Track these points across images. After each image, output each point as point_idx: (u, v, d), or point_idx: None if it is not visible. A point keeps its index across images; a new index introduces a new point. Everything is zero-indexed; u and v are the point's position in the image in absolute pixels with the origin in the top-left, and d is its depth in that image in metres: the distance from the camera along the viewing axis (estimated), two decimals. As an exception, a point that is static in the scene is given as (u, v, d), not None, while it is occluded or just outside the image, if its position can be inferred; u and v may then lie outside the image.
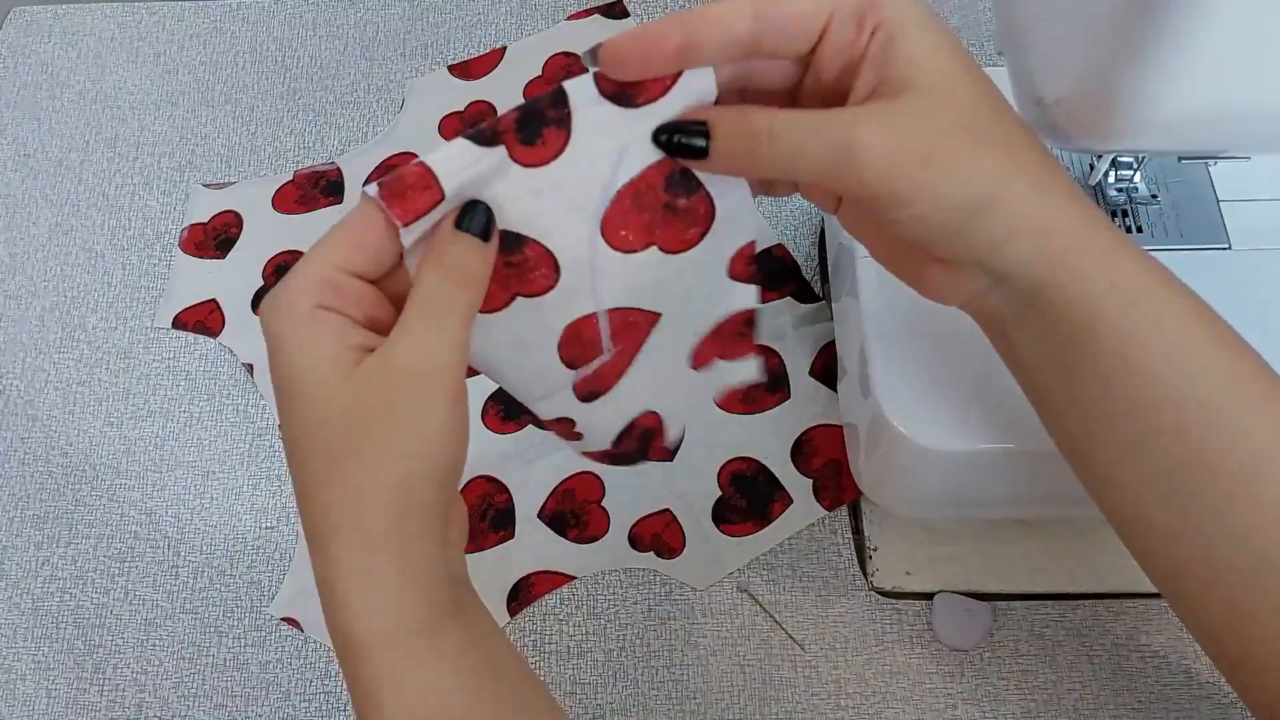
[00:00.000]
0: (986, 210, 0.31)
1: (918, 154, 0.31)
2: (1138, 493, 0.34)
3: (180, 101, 0.74)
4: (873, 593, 0.55)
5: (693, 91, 0.32)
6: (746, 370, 0.40)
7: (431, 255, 0.32)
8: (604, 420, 0.39)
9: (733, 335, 0.39)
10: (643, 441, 0.41)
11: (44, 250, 0.68)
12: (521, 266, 0.33)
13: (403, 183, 0.31)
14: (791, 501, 0.57)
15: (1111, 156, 0.48)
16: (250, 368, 0.63)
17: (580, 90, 0.32)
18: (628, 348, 0.37)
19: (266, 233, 0.67)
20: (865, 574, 0.55)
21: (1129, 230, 0.48)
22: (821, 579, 0.56)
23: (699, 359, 0.39)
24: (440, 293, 0.32)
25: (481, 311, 0.33)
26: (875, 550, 0.56)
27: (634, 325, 0.36)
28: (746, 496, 0.58)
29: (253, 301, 0.65)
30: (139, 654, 0.56)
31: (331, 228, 0.32)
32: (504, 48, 0.74)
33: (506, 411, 0.60)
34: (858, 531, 0.57)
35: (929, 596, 0.54)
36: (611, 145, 0.32)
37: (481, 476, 0.59)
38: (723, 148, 0.32)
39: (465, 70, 0.74)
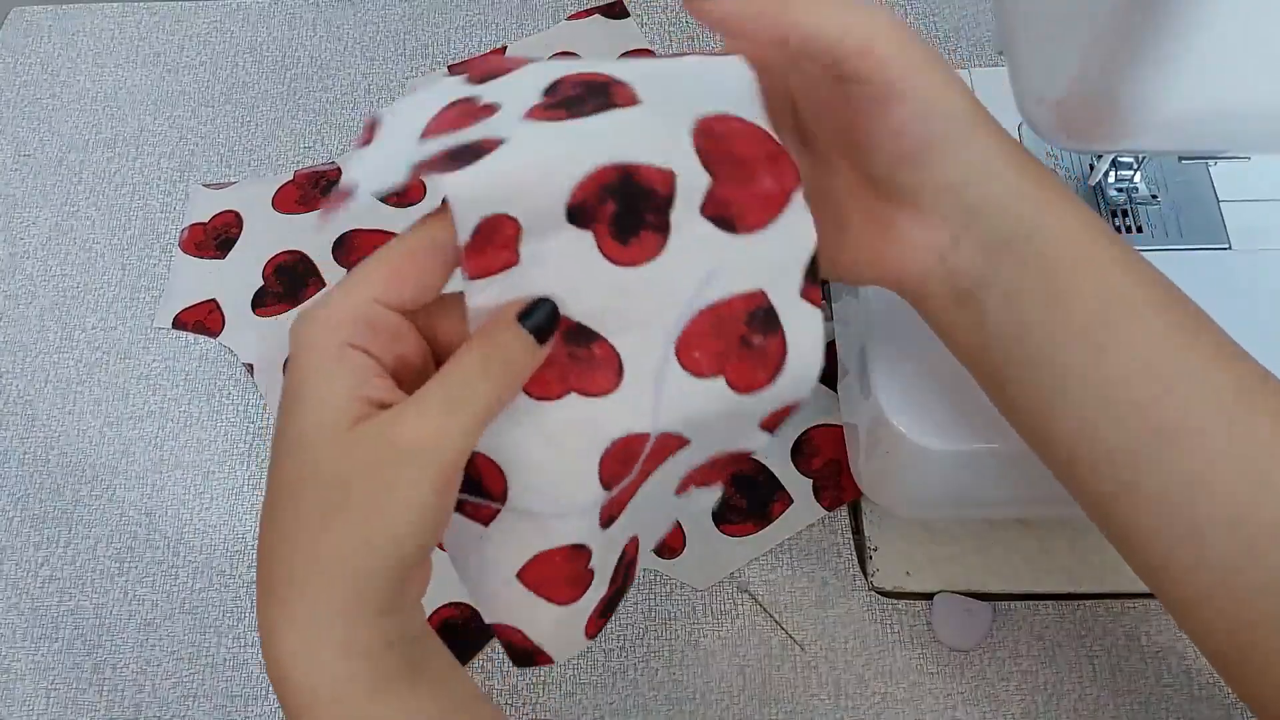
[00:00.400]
0: (972, 126, 0.33)
1: (921, 56, 0.32)
2: (1100, 443, 0.34)
3: (180, 101, 0.74)
4: (873, 593, 0.55)
5: (792, 231, 0.32)
6: (711, 497, 0.38)
7: (481, 336, 0.31)
8: (607, 552, 0.35)
9: (723, 468, 0.37)
10: (628, 575, 0.37)
11: (43, 250, 0.68)
12: (586, 362, 0.31)
13: (488, 238, 0.29)
14: (792, 501, 0.57)
15: (1111, 156, 0.48)
16: (250, 368, 0.63)
17: (685, 202, 0.31)
18: (647, 469, 0.34)
19: (267, 233, 0.67)
20: (865, 574, 0.55)
21: (1129, 230, 0.48)
22: (821, 579, 0.56)
23: (683, 487, 0.37)
24: (473, 378, 0.30)
25: (531, 396, 0.32)
26: (875, 550, 0.55)
27: (663, 450, 0.34)
28: (747, 496, 0.58)
29: (253, 301, 0.65)
30: (138, 654, 0.56)
31: (372, 255, 0.31)
32: (504, 48, 0.74)
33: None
34: (858, 531, 0.57)
35: (929, 597, 0.54)
36: (705, 265, 0.31)
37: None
38: None
39: (465, 70, 0.74)
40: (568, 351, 0.31)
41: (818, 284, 0.33)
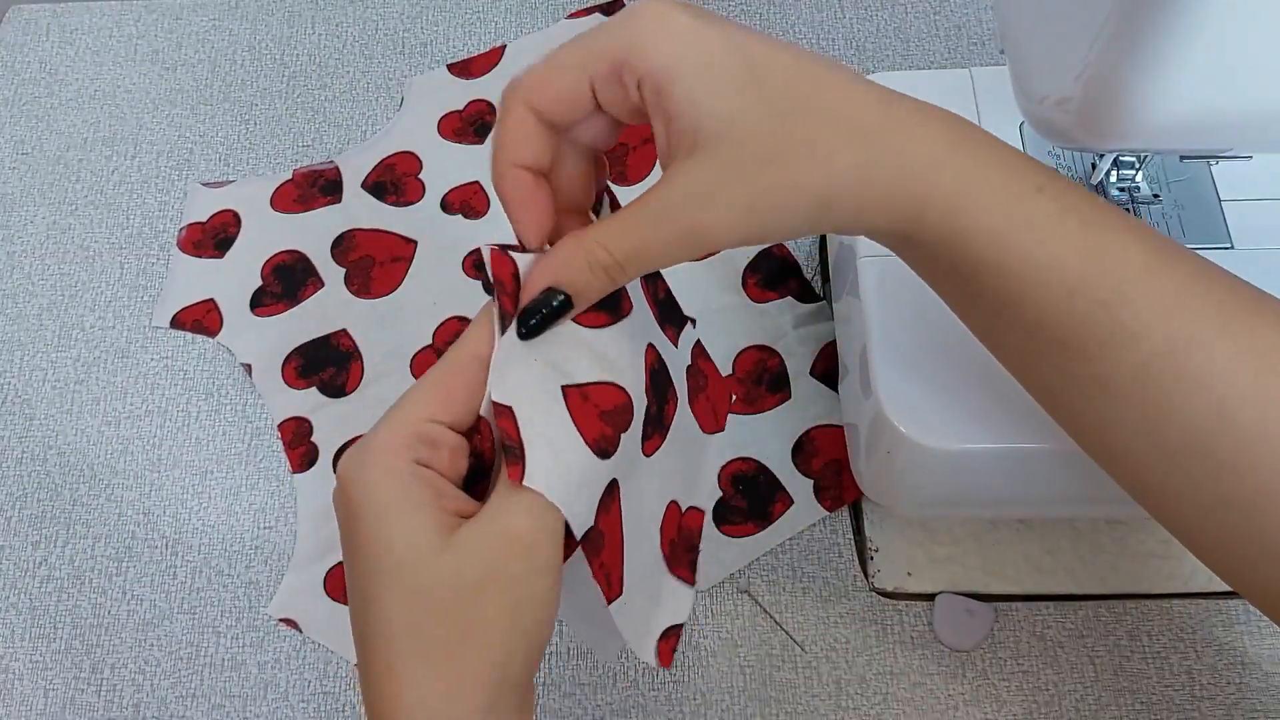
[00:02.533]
0: (827, 207, 0.32)
1: (743, 208, 0.31)
2: (1053, 390, 0.35)
3: (178, 100, 0.73)
4: (874, 594, 0.55)
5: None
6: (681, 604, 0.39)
7: None
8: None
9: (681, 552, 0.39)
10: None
11: (41, 249, 0.68)
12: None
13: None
14: (792, 502, 0.57)
15: (1113, 156, 0.48)
16: (248, 368, 0.63)
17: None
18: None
19: (265, 232, 0.67)
20: (866, 575, 0.55)
21: (1131, 230, 0.48)
22: (822, 580, 0.56)
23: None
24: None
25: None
26: (876, 551, 0.55)
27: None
28: (747, 497, 0.57)
29: (251, 301, 0.65)
30: (136, 654, 0.56)
31: (418, 381, 0.32)
32: (504, 46, 0.74)
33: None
34: (859, 532, 0.57)
35: (930, 597, 0.54)
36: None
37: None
38: (583, 293, 0.32)
39: (465, 69, 0.73)
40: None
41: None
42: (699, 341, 0.41)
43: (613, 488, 0.34)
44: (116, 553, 0.58)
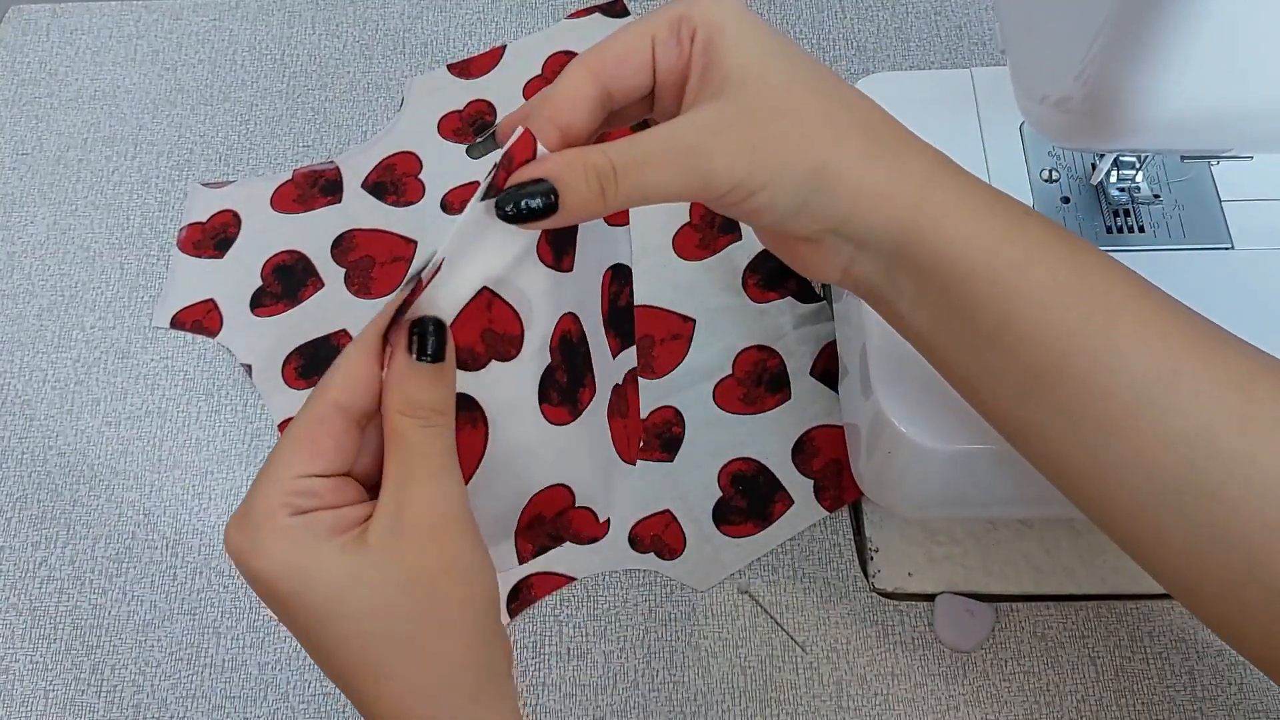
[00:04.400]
0: (822, 183, 0.32)
1: (748, 146, 0.32)
2: (1044, 431, 0.34)
3: (178, 100, 0.73)
4: (874, 594, 0.55)
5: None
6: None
7: (396, 397, 0.31)
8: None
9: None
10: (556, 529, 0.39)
11: (41, 249, 0.68)
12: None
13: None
14: (792, 502, 0.57)
15: (1113, 156, 0.48)
16: (248, 368, 0.63)
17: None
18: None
19: (265, 232, 0.67)
20: (866, 575, 0.55)
21: (1131, 230, 0.48)
22: (823, 580, 0.55)
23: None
24: (421, 436, 0.31)
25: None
26: (876, 551, 0.55)
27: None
28: (747, 497, 0.57)
29: (251, 301, 0.65)
30: (137, 655, 0.56)
31: (283, 437, 0.31)
32: (504, 46, 0.74)
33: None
34: (859, 532, 0.57)
35: (930, 598, 0.54)
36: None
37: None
38: (571, 198, 0.32)
39: (465, 69, 0.73)
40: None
41: None
42: (636, 373, 0.41)
43: (472, 405, 0.34)
44: (116, 553, 0.58)
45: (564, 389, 0.36)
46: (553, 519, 0.38)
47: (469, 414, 0.34)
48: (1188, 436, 0.32)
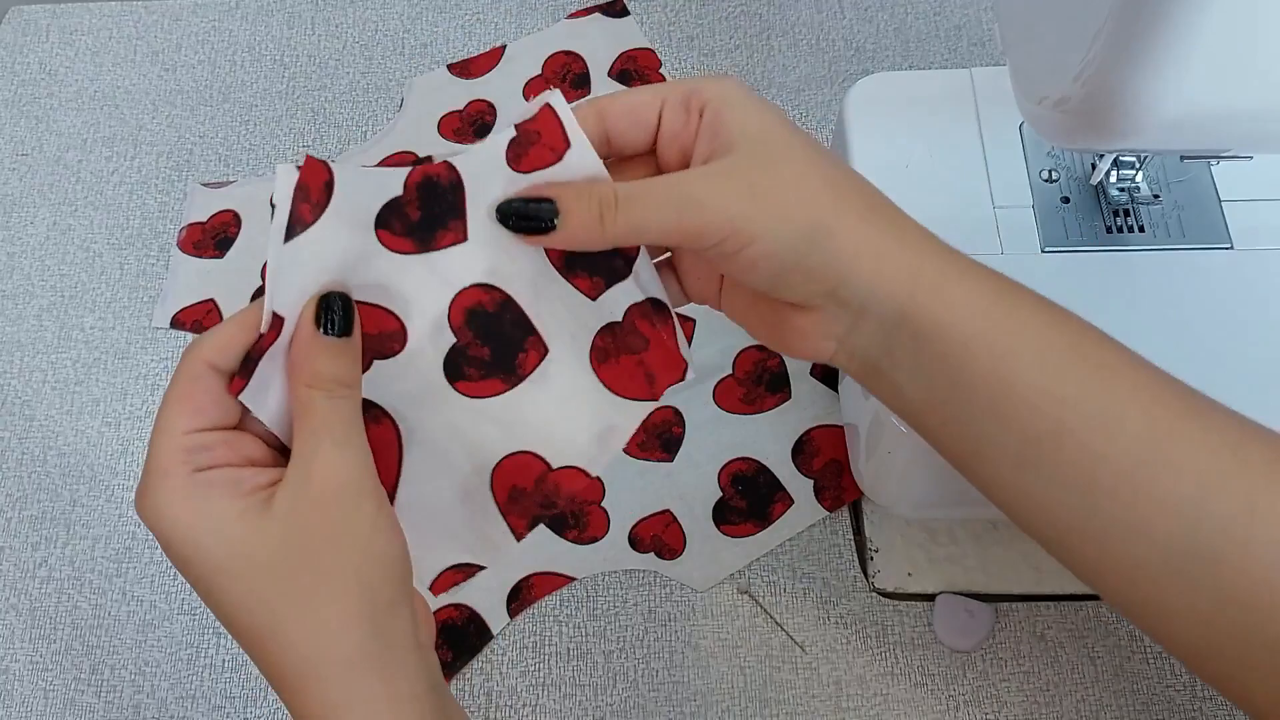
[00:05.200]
0: (823, 236, 0.33)
1: (749, 190, 0.33)
2: (1043, 499, 0.34)
3: (178, 100, 0.73)
4: (874, 594, 0.55)
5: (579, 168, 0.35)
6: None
7: (302, 371, 0.32)
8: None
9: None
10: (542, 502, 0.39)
11: (41, 249, 0.68)
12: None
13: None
14: (792, 502, 0.57)
15: (1113, 156, 0.48)
16: (248, 368, 0.63)
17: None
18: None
19: (265, 232, 0.67)
20: (866, 575, 0.55)
21: (1130, 230, 0.48)
22: (823, 580, 0.55)
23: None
24: (328, 407, 0.32)
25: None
26: (876, 551, 0.55)
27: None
28: (747, 497, 0.57)
29: (251, 301, 0.65)
30: (136, 655, 0.56)
31: (163, 400, 0.32)
32: (504, 46, 0.74)
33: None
34: (859, 532, 0.57)
35: (930, 598, 0.54)
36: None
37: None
38: (572, 221, 0.33)
39: (465, 69, 0.73)
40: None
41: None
42: (649, 304, 0.39)
43: (369, 405, 0.35)
44: (116, 553, 0.58)
45: (486, 362, 0.36)
46: (534, 488, 0.38)
47: (369, 413, 0.35)
48: (1186, 498, 0.32)
